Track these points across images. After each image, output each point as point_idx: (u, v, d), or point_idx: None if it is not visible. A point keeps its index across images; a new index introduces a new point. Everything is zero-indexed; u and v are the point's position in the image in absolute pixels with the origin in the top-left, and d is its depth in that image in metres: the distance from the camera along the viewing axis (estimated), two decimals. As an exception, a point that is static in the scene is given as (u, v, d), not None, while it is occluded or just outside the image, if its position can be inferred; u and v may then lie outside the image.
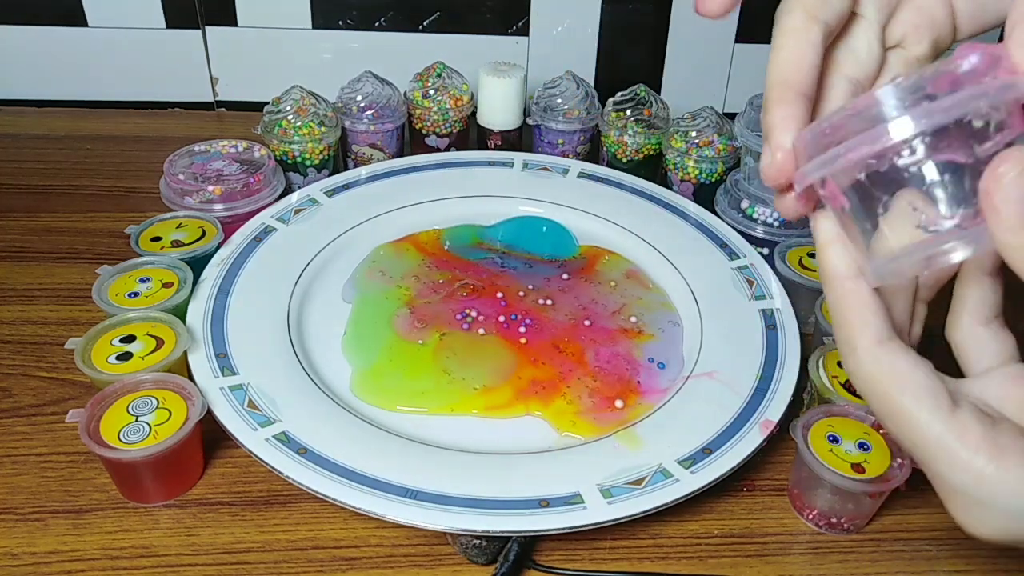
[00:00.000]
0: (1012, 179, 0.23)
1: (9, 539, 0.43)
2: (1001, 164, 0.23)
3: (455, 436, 0.48)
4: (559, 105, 0.74)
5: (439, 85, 0.73)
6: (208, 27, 0.82)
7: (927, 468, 0.27)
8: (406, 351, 0.54)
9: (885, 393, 0.27)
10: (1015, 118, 0.24)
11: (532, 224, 0.67)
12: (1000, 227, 0.23)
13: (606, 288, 0.60)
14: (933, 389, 0.26)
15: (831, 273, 0.29)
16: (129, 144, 0.80)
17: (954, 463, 0.26)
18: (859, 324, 0.28)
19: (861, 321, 0.28)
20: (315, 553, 0.44)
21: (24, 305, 0.59)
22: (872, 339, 0.27)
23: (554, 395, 0.51)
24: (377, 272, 0.61)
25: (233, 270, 0.57)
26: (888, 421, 0.28)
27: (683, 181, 0.71)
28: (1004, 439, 0.26)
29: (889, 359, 0.27)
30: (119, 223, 0.66)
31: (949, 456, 0.26)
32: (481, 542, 0.42)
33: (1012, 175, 0.23)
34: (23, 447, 0.48)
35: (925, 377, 0.27)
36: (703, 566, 0.44)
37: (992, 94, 0.23)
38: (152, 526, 0.44)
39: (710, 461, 0.45)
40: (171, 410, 0.45)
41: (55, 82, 0.84)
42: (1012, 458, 0.25)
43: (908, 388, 0.27)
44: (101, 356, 0.48)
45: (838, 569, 0.44)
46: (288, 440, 0.45)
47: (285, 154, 0.69)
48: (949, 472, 0.26)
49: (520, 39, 0.85)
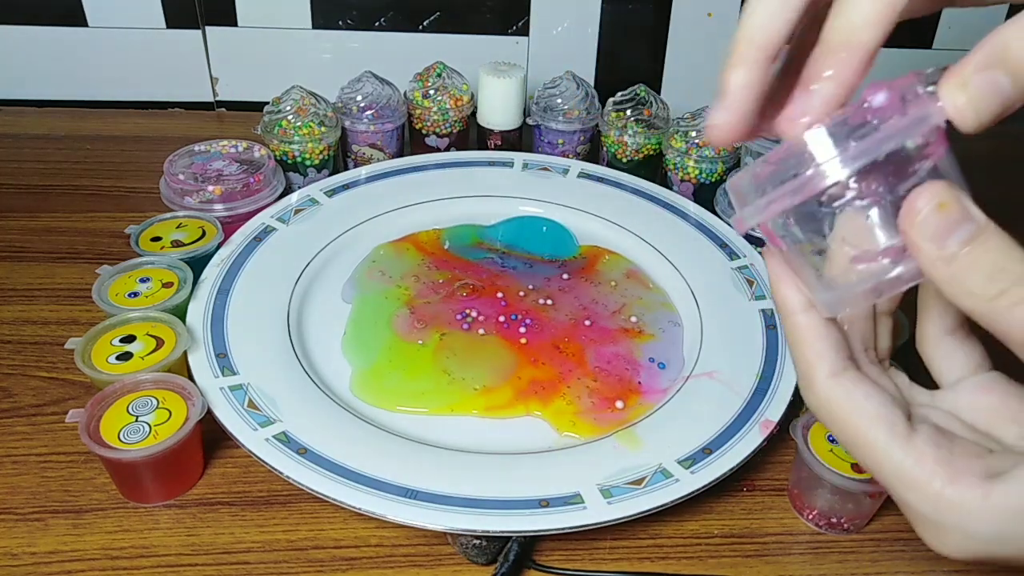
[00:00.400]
0: (927, 215, 0.23)
1: (9, 539, 0.43)
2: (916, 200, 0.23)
3: (455, 436, 0.48)
4: (559, 105, 0.74)
5: (439, 85, 0.73)
6: (208, 27, 0.82)
7: (891, 494, 0.28)
8: (406, 351, 0.54)
9: (844, 425, 0.28)
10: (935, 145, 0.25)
11: (532, 224, 0.67)
12: (924, 261, 0.24)
13: (606, 288, 0.60)
14: (888, 418, 0.27)
15: (783, 308, 0.29)
16: (129, 144, 0.80)
17: (913, 488, 0.26)
18: (814, 358, 0.28)
19: (815, 355, 0.28)
20: (315, 553, 0.44)
21: (24, 305, 0.59)
22: (827, 372, 0.28)
23: (554, 395, 0.51)
24: (377, 272, 0.61)
25: (233, 270, 0.57)
26: (851, 450, 0.28)
27: (683, 181, 0.71)
28: (960, 462, 0.26)
29: (845, 391, 0.28)
30: (119, 223, 0.66)
31: (908, 482, 0.26)
32: (481, 542, 0.42)
33: (927, 211, 0.23)
34: (23, 447, 0.48)
35: (880, 406, 0.27)
36: (703, 566, 0.44)
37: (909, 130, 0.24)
38: (152, 526, 0.44)
39: (710, 461, 0.45)
40: (171, 410, 0.45)
41: (55, 82, 0.84)
42: (967, 480, 0.25)
43: (864, 419, 0.27)
44: (101, 356, 0.48)
45: (838, 569, 0.44)
46: (288, 440, 0.45)
47: (285, 154, 0.69)
48: (909, 497, 0.27)
49: (520, 39, 0.85)
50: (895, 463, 0.26)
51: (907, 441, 0.26)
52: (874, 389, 0.28)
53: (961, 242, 0.23)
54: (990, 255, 0.23)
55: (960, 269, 0.23)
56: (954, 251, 0.23)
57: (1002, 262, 0.23)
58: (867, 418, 0.27)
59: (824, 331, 0.28)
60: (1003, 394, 0.30)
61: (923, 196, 0.23)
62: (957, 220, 0.23)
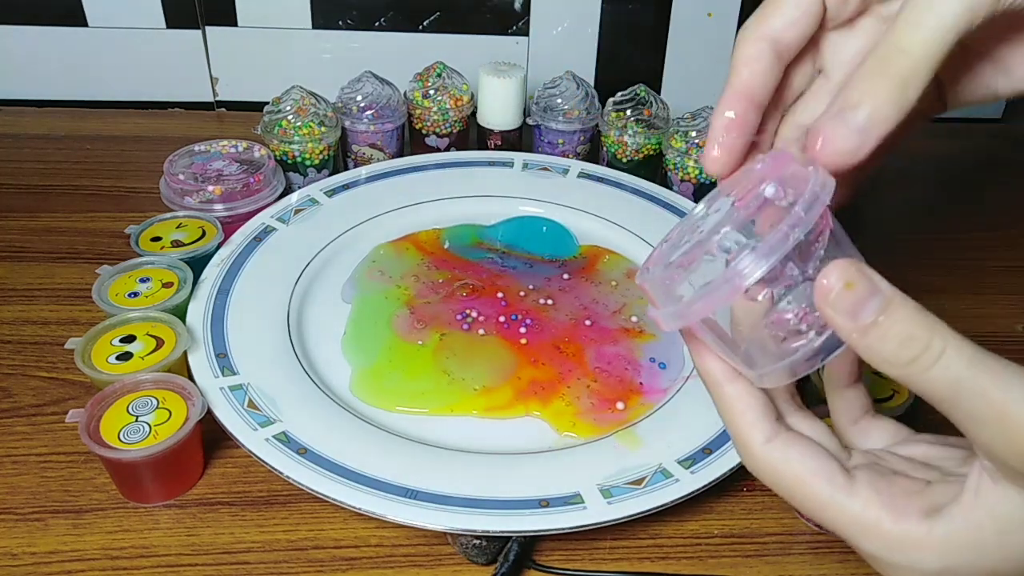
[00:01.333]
0: (838, 293, 0.24)
1: (9, 539, 0.43)
2: (826, 279, 0.25)
3: (455, 436, 0.48)
4: (559, 105, 0.74)
5: (439, 85, 0.73)
6: (208, 27, 0.82)
7: (848, 543, 0.29)
8: (406, 351, 0.54)
9: (788, 487, 0.29)
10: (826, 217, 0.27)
11: (532, 224, 0.67)
12: (842, 334, 0.25)
13: (607, 288, 0.60)
14: (827, 470, 0.28)
15: (709, 380, 0.30)
16: (129, 144, 0.80)
17: (863, 534, 0.27)
18: (747, 428, 0.29)
19: (748, 425, 0.29)
20: (315, 553, 0.44)
21: (24, 305, 0.59)
22: (762, 440, 0.29)
23: (553, 396, 0.51)
24: (377, 272, 0.61)
25: (233, 270, 0.57)
26: (800, 509, 0.29)
27: (683, 181, 0.71)
28: (901, 501, 0.27)
29: (781, 454, 0.29)
30: (119, 223, 0.66)
31: (858, 528, 0.27)
32: (481, 542, 0.42)
33: (837, 289, 0.24)
34: (23, 447, 0.48)
35: (816, 462, 0.28)
36: (703, 566, 0.44)
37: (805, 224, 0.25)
38: (152, 526, 0.44)
39: (710, 461, 0.45)
40: (171, 410, 0.45)
41: (55, 82, 0.84)
42: (910, 518, 0.26)
43: (805, 477, 0.28)
44: (101, 356, 0.48)
45: (838, 569, 0.44)
46: (288, 440, 0.45)
47: (285, 154, 0.69)
48: (862, 543, 0.28)
49: (520, 39, 0.85)
50: (842, 512, 0.28)
51: (849, 490, 0.28)
52: (807, 447, 0.29)
53: (871, 316, 0.24)
54: (898, 325, 0.24)
55: (874, 340, 0.25)
56: (866, 324, 0.24)
57: (910, 330, 0.24)
58: (808, 475, 0.28)
59: (752, 399, 0.29)
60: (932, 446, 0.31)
61: (832, 275, 0.25)
62: (865, 295, 0.24)
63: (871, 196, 0.78)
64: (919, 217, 0.68)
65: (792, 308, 0.27)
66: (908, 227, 0.75)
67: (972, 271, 0.69)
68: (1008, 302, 0.65)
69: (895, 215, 0.77)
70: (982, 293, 0.66)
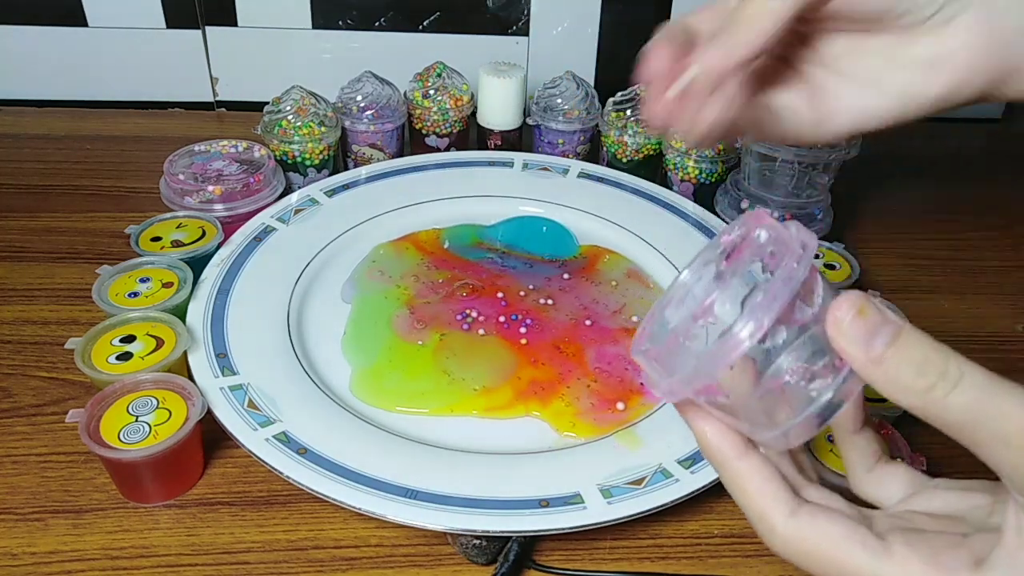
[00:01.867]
0: (850, 323, 0.25)
1: (9, 539, 0.43)
2: (837, 311, 0.25)
3: (455, 436, 0.48)
4: (559, 105, 0.74)
5: (439, 85, 0.73)
6: (208, 27, 0.82)
7: None
8: (406, 351, 0.54)
9: (819, 558, 0.27)
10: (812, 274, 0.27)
11: (532, 224, 0.67)
12: (857, 366, 0.25)
13: (607, 288, 0.60)
14: (860, 536, 0.27)
15: (718, 458, 0.29)
16: (129, 144, 0.80)
17: None
18: (768, 504, 0.28)
19: (770, 500, 0.28)
20: (315, 553, 0.44)
21: (24, 305, 0.59)
22: (786, 512, 0.28)
23: (553, 396, 0.51)
24: (376, 272, 0.61)
25: (233, 270, 0.57)
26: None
27: (683, 181, 0.71)
28: (944, 557, 0.26)
29: (810, 526, 0.27)
30: (119, 223, 0.66)
31: None
32: (481, 542, 0.42)
33: (848, 319, 0.25)
34: (23, 447, 0.48)
35: (845, 527, 0.27)
36: (703, 566, 0.44)
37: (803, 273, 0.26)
38: (152, 526, 0.44)
39: (710, 461, 0.45)
40: (171, 410, 0.45)
41: (55, 82, 0.84)
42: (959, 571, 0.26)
43: (839, 546, 0.27)
44: (101, 356, 0.48)
45: (838, 569, 0.44)
46: (288, 440, 0.45)
47: (285, 154, 0.69)
48: None
49: (520, 39, 0.85)
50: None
51: (885, 553, 0.26)
52: (833, 515, 0.28)
53: (885, 343, 0.25)
54: (913, 350, 0.24)
55: (891, 368, 0.25)
56: (880, 352, 0.25)
57: (926, 354, 0.24)
58: (840, 544, 0.27)
59: (769, 472, 0.28)
60: (949, 493, 0.30)
61: (842, 307, 0.25)
62: (877, 323, 0.25)
63: (872, 196, 0.78)
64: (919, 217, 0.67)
65: (791, 366, 0.27)
66: (908, 227, 0.75)
67: (972, 271, 0.69)
68: (1008, 302, 0.65)
69: (895, 215, 0.77)
70: (982, 293, 0.66)
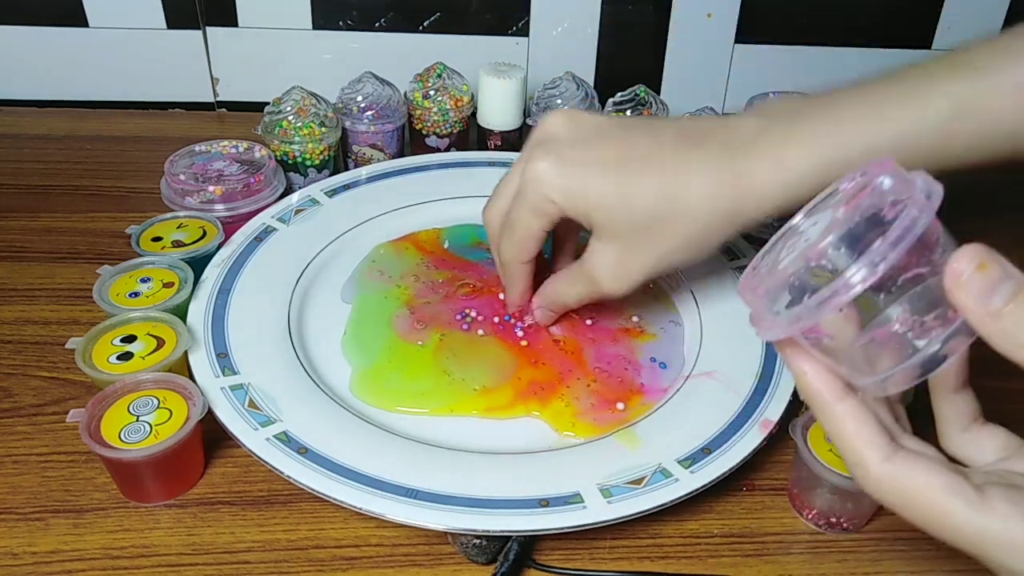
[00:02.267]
0: (970, 275, 0.25)
1: (10, 539, 0.43)
2: (957, 263, 0.25)
3: (455, 436, 0.48)
4: (559, 105, 0.74)
5: (439, 85, 0.73)
6: (208, 27, 0.82)
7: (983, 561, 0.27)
8: (406, 352, 0.54)
9: (914, 504, 0.27)
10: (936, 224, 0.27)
11: (532, 224, 0.67)
12: (973, 319, 0.25)
13: (606, 288, 0.60)
14: (957, 485, 0.27)
15: (819, 400, 0.29)
16: (129, 144, 0.80)
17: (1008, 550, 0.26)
18: (864, 447, 0.28)
19: (865, 443, 0.28)
20: (315, 553, 0.44)
21: (25, 305, 0.59)
22: (881, 458, 0.28)
23: (553, 396, 0.51)
24: (376, 272, 0.61)
25: (234, 270, 0.57)
26: (926, 527, 0.28)
27: (683, 181, 0.71)
28: None
29: (906, 471, 0.28)
30: (120, 223, 0.66)
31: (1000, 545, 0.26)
32: (481, 542, 0.42)
33: (969, 272, 0.25)
34: (24, 447, 0.48)
35: (946, 477, 0.27)
36: (703, 566, 0.44)
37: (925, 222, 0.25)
38: (153, 526, 0.44)
39: (710, 461, 0.45)
40: (172, 410, 0.45)
41: (55, 82, 0.84)
42: None
43: (936, 493, 0.27)
44: (102, 356, 0.48)
45: (838, 569, 0.45)
46: (288, 440, 0.45)
47: (286, 154, 0.69)
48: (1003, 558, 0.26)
49: (520, 39, 0.85)
50: (977, 528, 0.26)
51: (984, 505, 0.26)
52: (931, 463, 0.28)
53: (1005, 299, 0.24)
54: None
55: (1008, 324, 0.24)
56: (999, 307, 0.24)
57: None
58: (938, 492, 0.27)
59: (866, 416, 0.28)
60: None
61: (963, 259, 0.25)
62: (998, 279, 0.25)
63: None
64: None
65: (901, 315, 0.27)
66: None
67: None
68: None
69: (895, 215, 0.77)
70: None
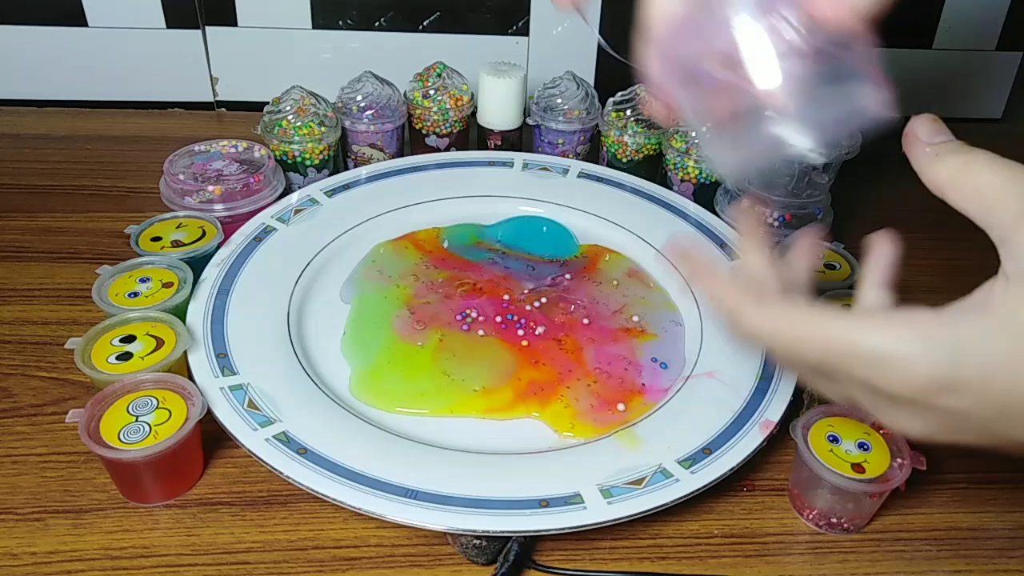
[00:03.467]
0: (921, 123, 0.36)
1: (9, 539, 0.43)
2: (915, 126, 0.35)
3: (455, 436, 0.48)
4: (559, 105, 0.74)
5: (439, 85, 0.73)
6: (208, 27, 0.82)
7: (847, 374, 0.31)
8: (405, 352, 0.54)
9: (790, 329, 0.32)
10: None
11: (532, 224, 0.67)
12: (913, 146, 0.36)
13: (608, 287, 0.60)
14: (827, 307, 0.31)
15: (703, 281, 0.37)
16: (129, 144, 0.80)
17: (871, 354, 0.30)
18: (737, 296, 0.34)
19: (737, 295, 0.34)
20: (315, 553, 0.44)
21: (24, 305, 0.59)
22: (752, 304, 0.34)
23: (553, 397, 0.51)
24: (376, 272, 0.61)
25: (233, 270, 0.57)
26: (808, 352, 0.32)
27: (683, 181, 0.71)
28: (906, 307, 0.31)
29: (774, 311, 0.33)
30: (119, 223, 0.66)
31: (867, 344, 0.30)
32: (481, 542, 0.42)
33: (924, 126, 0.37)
34: (23, 447, 0.48)
35: (814, 304, 0.32)
36: (703, 566, 0.44)
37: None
38: (152, 526, 0.44)
39: (710, 461, 0.45)
40: (171, 410, 0.45)
41: (55, 82, 0.84)
42: (920, 310, 0.30)
43: (807, 314, 0.32)
44: (101, 356, 0.48)
45: (838, 569, 0.45)
46: (288, 440, 0.45)
47: (285, 154, 0.69)
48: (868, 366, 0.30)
49: (520, 39, 0.85)
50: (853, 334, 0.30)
51: (853, 313, 0.31)
52: (796, 297, 0.34)
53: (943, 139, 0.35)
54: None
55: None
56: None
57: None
58: (804, 308, 0.32)
59: (735, 282, 0.35)
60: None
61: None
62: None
63: (872, 196, 0.78)
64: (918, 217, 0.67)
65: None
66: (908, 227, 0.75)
67: (972, 271, 0.69)
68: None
69: (895, 215, 0.77)
70: (982, 293, 0.66)
